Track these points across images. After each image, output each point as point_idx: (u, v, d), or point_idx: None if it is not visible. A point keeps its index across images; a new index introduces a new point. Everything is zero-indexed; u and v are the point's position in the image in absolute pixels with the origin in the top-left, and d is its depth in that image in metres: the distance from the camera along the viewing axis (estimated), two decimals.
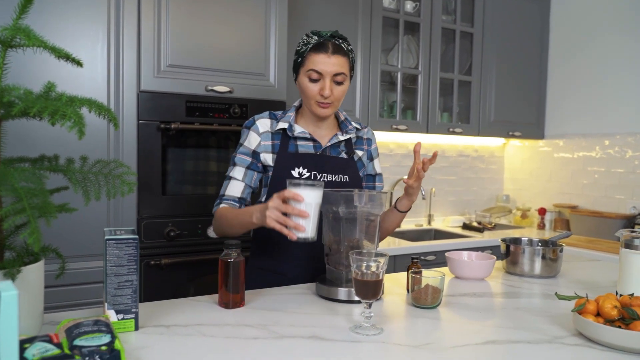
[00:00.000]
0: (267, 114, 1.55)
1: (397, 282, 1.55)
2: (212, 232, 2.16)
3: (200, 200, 2.14)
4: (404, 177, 3.54)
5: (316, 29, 2.66)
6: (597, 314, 1.11)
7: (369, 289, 1.10)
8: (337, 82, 1.45)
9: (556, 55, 3.57)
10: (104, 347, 0.84)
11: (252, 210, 1.31)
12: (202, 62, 2.12)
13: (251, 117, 1.55)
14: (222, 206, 1.48)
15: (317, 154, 1.53)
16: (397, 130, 3.01)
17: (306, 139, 1.53)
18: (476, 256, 1.69)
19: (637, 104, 3.10)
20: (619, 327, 1.05)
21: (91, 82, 1.92)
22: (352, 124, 1.61)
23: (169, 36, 2.05)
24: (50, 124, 0.87)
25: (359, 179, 1.59)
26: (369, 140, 1.67)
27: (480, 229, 3.26)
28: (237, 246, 1.25)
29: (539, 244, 1.76)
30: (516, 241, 1.78)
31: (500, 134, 3.47)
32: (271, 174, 1.52)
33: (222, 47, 2.16)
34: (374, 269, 1.11)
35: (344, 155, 1.58)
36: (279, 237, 1.51)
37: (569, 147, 3.49)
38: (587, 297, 1.14)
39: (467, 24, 3.30)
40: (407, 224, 3.42)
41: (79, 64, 1.00)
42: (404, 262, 2.63)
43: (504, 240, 1.74)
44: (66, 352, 0.79)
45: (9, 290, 0.66)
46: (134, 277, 1.06)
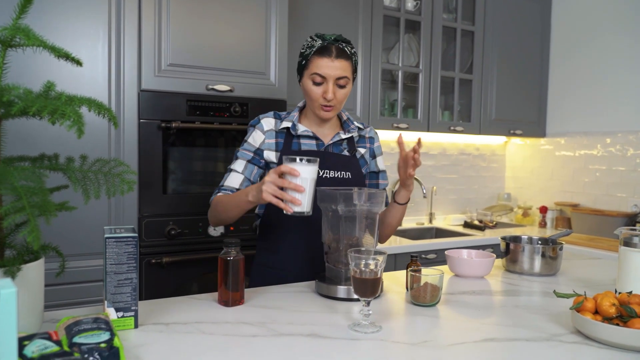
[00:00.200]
0: (271, 113, 1.59)
1: (396, 281, 1.56)
2: (213, 230, 2.16)
3: (201, 198, 2.14)
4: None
5: (317, 27, 2.68)
6: (596, 312, 1.11)
7: (368, 287, 1.11)
8: (340, 86, 1.48)
9: (557, 53, 3.56)
10: (103, 345, 0.84)
11: (247, 189, 1.35)
12: (202, 61, 2.13)
13: (256, 117, 1.59)
14: (219, 195, 1.52)
15: (320, 151, 1.56)
16: (398, 128, 3.02)
17: (309, 137, 1.56)
18: (476, 254, 1.69)
19: (638, 102, 3.09)
20: (617, 324, 1.05)
21: (92, 81, 1.93)
22: (355, 123, 1.64)
23: (170, 35, 2.05)
24: (49, 122, 0.87)
25: (362, 176, 1.61)
26: (372, 138, 1.69)
27: (481, 228, 3.26)
28: (236, 244, 1.26)
29: (539, 242, 1.76)
30: (516, 239, 1.78)
31: (501, 132, 3.47)
32: None
33: (222, 46, 2.17)
34: (372, 267, 1.11)
35: (346, 153, 1.60)
36: (284, 235, 1.55)
37: (571, 146, 3.48)
38: (585, 294, 1.14)
39: (468, 22, 3.30)
40: (408, 223, 3.42)
41: (78, 63, 1.00)
42: (404, 261, 2.63)
43: (503, 238, 1.74)
44: (65, 349, 0.80)
45: (8, 287, 0.66)
46: (134, 275, 1.06)
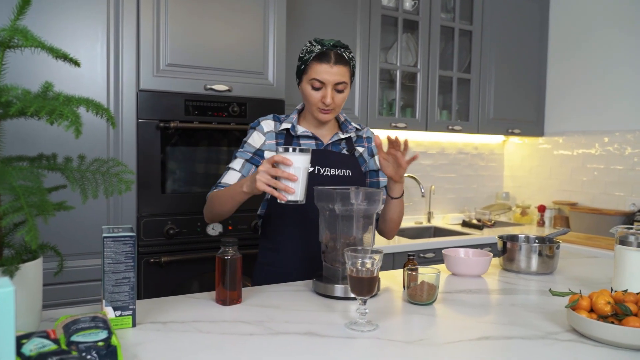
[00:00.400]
0: (271, 116, 1.63)
1: (393, 279, 1.56)
2: (211, 229, 2.17)
3: (199, 198, 2.15)
4: (404, 175, 3.52)
5: (315, 27, 2.68)
6: (591, 310, 1.12)
7: (364, 286, 1.11)
8: (338, 90, 1.52)
9: (555, 52, 3.57)
10: (100, 343, 0.85)
11: (242, 181, 1.38)
12: (201, 61, 2.13)
13: (256, 120, 1.62)
14: (215, 190, 1.54)
15: (321, 149, 1.59)
16: (396, 128, 3.02)
17: (308, 138, 1.60)
18: (473, 253, 1.69)
19: (636, 101, 3.10)
20: (612, 322, 1.06)
21: (91, 81, 1.94)
22: (352, 124, 1.67)
23: (168, 35, 2.06)
24: (48, 123, 0.88)
25: (362, 173, 1.65)
26: (369, 138, 1.73)
27: (479, 227, 3.27)
28: (234, 244, 1.27)
29: (536, 241, 1.77)
30: (513, 238, 1.79)
31: (499, 132, 3.47)
32: None
33: (221, 46, 2.17)
34: (368, 266, 1.12)
35: (345, 152, 1.64)
36: (286, 233, 1.57)
37: (569, 145, 3.49)
38: (580, 293, 1.15)
39: (466, 22, 3.30)
40: (407, 222, 3.42)
41: (76, 63, 1.01)
42: (403, 260, 2.64)
43: (501, 237, 1.75)
44: (63, 348, 0.81)
45: (6, 286, 0.67)
46: (132, 275, 1.07)
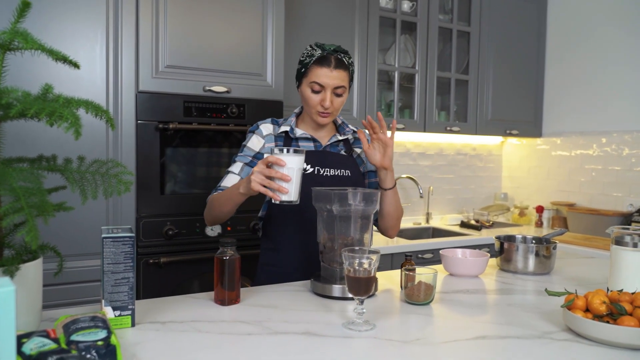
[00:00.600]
0: (269, 120, 1.65)
1: (391, 280, 1.57)
2: (210, 230, 2.18)
3: (198, 199, 2.16)
4: (402, 176, 3.50)
5: (314, 29, 2.69)
6: (587, 310, 1.13)
7: (361, 286, 1.12)
8: (337, 94, 1.54)
9: (553, 53, 3.58)
10: (100, 342, 0.86)
11: (239, 183, 1.40)
12: (199, 63, 2.14)
13: (255, 124, 1.65)
14: (214, 194, 1.56)
15: (320, 150, 1.61)
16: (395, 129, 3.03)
17: (307, 139, 1.62)
18: (470, 253, 1.70)
19: (634, 101, 3.11)
20: (607, 322, 1.07)
21: (90, 83, 1.94)
22: (349, 126, 1.70)
23: (167, 37, 2.07)
24: (47, 124, 0.89)
25: (360, 173, 1.67)
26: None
27: (478, 227, 3.28)
28: (232, 244, 1.27)
29: (533, 242, 1.77)
30: (510, 239, 1.80)
31: (497, 133, 3.48)
32: None
33: (219, 48, 2.18)
34: (366, 266, 1.13)
35: (343, 153, 1.66)
36: (287, 234, 1.59)
37: (567, 145, 3.50)
38: (576, 293, 1.16)
39: (464, 23, 3.32)
40: (406, 223, 3.43)
41: (75, 65, 1.02)
42: (401, 260, 2.65)
43: (498, 237, 1.76)
44: (63, 347, 0.82)
45: (6, 286, 0.68)
46: (131, 275, 1.08)
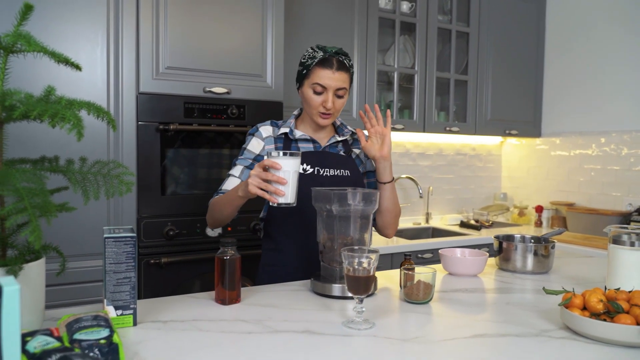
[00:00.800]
0: (269, 122, 1.67)
1: (390, 279, 1.58)
2: (210, 231, 2.19)
3: (198, 199, 2.17)
4: (402, 176, 3.51)
5: (313, 30, 2.70)
6: (584, 308, 1.14)
7: (361, 285, 1.13)
8: (339, 96, 1.56)
9: (552, 53, 3.59)
10: (102, 341, 0.87)
11: (238, 186, 1.42)
12: (200, 64, 2.15)
13: (254, 126, 1.66)
14: (215, 197, 1.58)
15: (319, 151, 1.63)
16: (394, 129, 3.04)
17: (306, 140, 1.64)
18: (469, 253, 1.71)
19: (633, 101, 3.12)
20: (604, 320, 1.08)
21: (91, 84, 1.96)
22: (348, 128, 1.71)
23: (168, 39, 2.08)
24: (50, 126, 0.90)
25: (359, 173, 1.68)
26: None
27: (477, 227, 3.29)
28: (233, 244, 1.29)
29: (531, 241, 1.79)
30: (509, 238, 1.81)
31: (497, 133, 3.50)
32: None
33: (219, 49, 2.19)
34: (365, 265, 1.14)
35: (342, 153, 1.67)
36: (289, 234, 1.61)
37: (566, 145, 3.51)
38: (573, 291, 1.17)
39: (463, 24, 3.33)
40: (405, 223, 3.45)
41: (78, 68, 1.03)
42: (400, 260, 2.66)
43: (497, 237, 1.77)
44: (66, 345, 0.83)
45: (11, 285, 0.69)
46: (132, 274, 1.09)
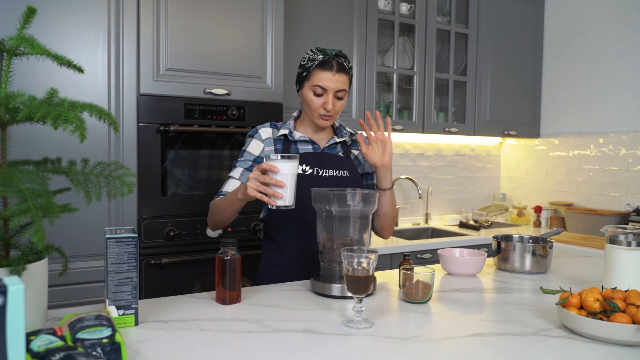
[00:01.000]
0: (268, 124, 1.68)
1: (390, 279, 1.59)
2: (211, 232, 2.20)
3: (199, 200, 2.18)
4: (401, 176, 3.53)
5: (313, 31, 2.72)
6: (581, 307, 1.15)
7: (360, 284, 1.15)
8: (338, 98, 1.58)
9: (550, 54, 3.61)
10: (105, 340, 0.88)
11: (237, 189, 1.43)
12: (200, 66, 2.17)
13: (254, 128, 1.68)
14: (216, 199, 1.59)
15: (318, 152, 1.64)
16: (394, 130, 3.05)
17: (305, 142, 1.65)
18: (467, 253, 1.73)
19: (631, 102, 3.14)
20: (600, 319, 1.09)
21: (92, 86, 1.97)
22: (347, 129, 1.73)
23: (168, 40, 2.09)
24: (52, 128, 0.91)
25: (358, 174, 1.70)
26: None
27: (476, 227, 3.30)
28: (233, 244, 1.30)
29: (530, 241, 1.80)
30: (507, 238, 1.82)
31: (495, 133, 3.51)
32: None
33: (219, 51, 2.21)
34: (364, 265, 1.15)
35: (341, 154, 1.69)
36: (289, 234, 1.62)
37: (564, 146, 3.53)
38: (570, 290, 1.18)
39: (462, 25, 3.34)
40: (405, 223, 3.46)
41: (80, 70, 1.04)
42: (400, 261, 2.66)
43: (495, 237, 1.78)
44: (69, 344, 0.84)
45: (16, 284, 0.70)
46: (134, 274, 1.10)
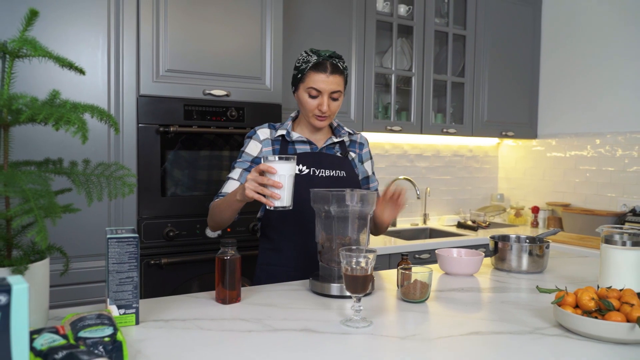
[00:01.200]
0: (266, 125, 1.69)
1: (388, 279, 1.61)
2: (210, 232, 2.21)
3: (198, 201, 2.19)
4: (400, 177, 3.55)
5: (311, 33, 2.73)
6: (576, 306, 1.17)
7: (358, 284, 1.16)
8: (334, 99, 1.59)
9: (547, 56, 3.62)
10: (107, 339, 0.89)
11: (236, 190, 1.44)
12: (199, 67, 2.18)
13: (252, 129, 1.69)
14: (215, 200, 1.60)
15: (316, 152, 1.66)
16: (392, 131, 3.07)
17: (303, 142, 1.67)
18: (465, 253, 1.74)
19: (627, 103, 3.16)
20: (595, 317, 1.11)
21: (92, 87, 1.98)
22: (345, 129, 1.74)
23: (168, 42, 2.10)
24: (54, 129, 0.92)
25: (355, 175, 1.71)
26: (361, 144, 1.80)
27: (474, 228, 3.32)
28: (233, 244, 1.31)
29: (526, 241, 1.81)
30: (504, 238, 1.83)
31: (493, 134, 3.53)
32: None
33: (219, 52, 2.22)
34: (363, 265, 1.17)
35: (339, 154, 1.70)
36: (286, 233, 1.63)
37: (562, 147, 3.54)
38: (566, 290, 1.19)
39: (460, 27, 3.36)
40: (403, 223, 3.47)
41: (81, 72, 1.05)
42: (398, 261, 2.68)
43: (492, 237, 1.80)
44: (72, 343, 0.85)
45: (20, 283, 0.71)
46: (135, 274, 1.11)
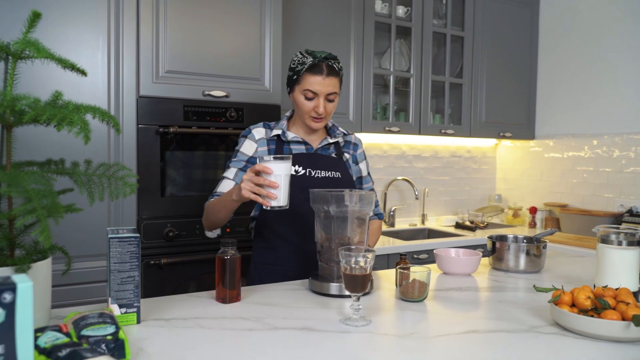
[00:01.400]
0: (261, 124, 1.70)
1: (387, 278, 1.62)
2: (210, 232, 2.22)
3: (198, 201, 2.20)
4: (398, 178, 3.57)
5: (310, 34, 2.75)
6: (573, 305, 1.18)
7: (357, 283, 1.17)
8: (330, 100, 1.60)
9: (545, 57, 3.64)
10: (109, 337, 0.90)
11: (232, 190, 1.45)
12: (199, 68, 2.19)
13: (247, 128, 1.69)
14: (210, 200, 1.61)
15: (311, 153, 1.66)
16: (390, 132, 3.08)
17: (298, 142, 1.67)
18: (463, 253, 1.75)
19: (624, 105, 3.17)
20: (592, 316, 1.12)
21: (92, 87, 1.99)
22: (340, 129, 1.76)
23: (167, 43, 2.12)
24: (57, 130, 0.93)
25: (350, 176, 1.73)
26: (356, 145, 1.81)
27: (472, 228, 3.33)
28: (233, 244, 1.32)
29: (524, 241, 1.83)
30: (502, 238, 1.85)
31: (491, 135, 3.54)
32: None
33: (218, 53, 2.23)
34: (362, 264, 1.18)
35: (333, 155, 1.72)
36: (280, 232, 1.64)
37: (559, 147, 3.56)
38: (562, 288, 1.21)
39: (458, 28, 3.37)
40: (401, 224, 3.49)
41: (83, 73, 1.06)
42: (397, 261, 2.70)
43: (490, 237, 1.81)
44: (75, 341, 0.86)
45: (24, 282, 0.72)
46: (136, 273, 1.12)
